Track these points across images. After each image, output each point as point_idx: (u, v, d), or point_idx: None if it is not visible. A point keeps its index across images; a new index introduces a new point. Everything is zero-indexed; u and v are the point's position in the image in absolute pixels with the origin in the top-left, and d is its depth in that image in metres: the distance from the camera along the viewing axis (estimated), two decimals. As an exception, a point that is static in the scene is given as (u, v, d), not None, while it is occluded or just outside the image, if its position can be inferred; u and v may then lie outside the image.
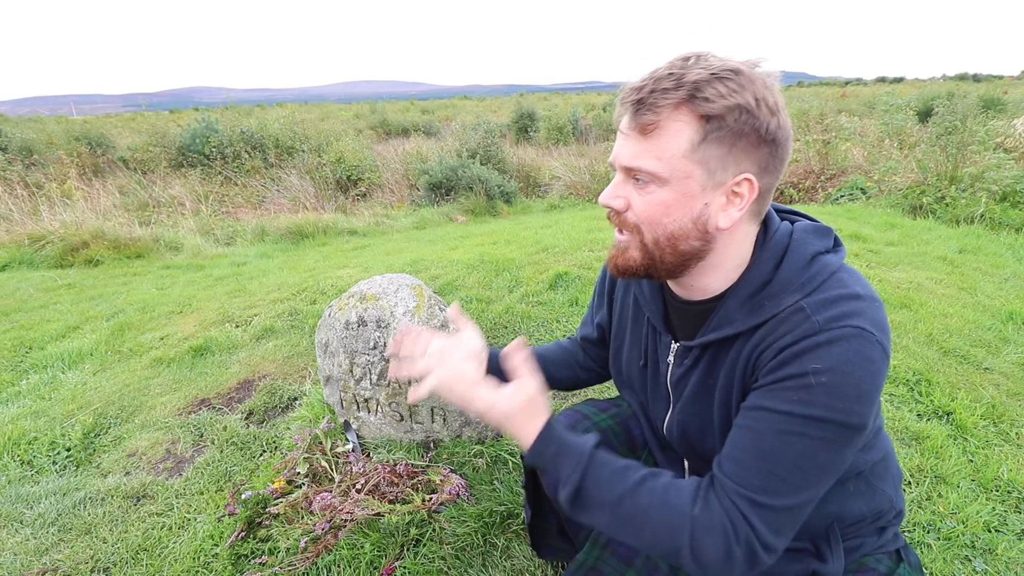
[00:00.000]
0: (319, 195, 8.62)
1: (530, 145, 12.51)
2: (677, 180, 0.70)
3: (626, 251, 0.78)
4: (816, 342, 0.67)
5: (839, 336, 0.66)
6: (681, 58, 0.70)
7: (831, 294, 0.71)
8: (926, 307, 2.88)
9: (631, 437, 1.09)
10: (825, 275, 0.73)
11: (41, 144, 11.17)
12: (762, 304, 0.75)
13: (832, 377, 0.65)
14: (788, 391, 0.68)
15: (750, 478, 0.69)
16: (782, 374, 0.69)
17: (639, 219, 0.74)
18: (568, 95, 42.21)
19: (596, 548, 1.01)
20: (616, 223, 0.78)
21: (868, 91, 24.35)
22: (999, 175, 5.10)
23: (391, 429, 1.85)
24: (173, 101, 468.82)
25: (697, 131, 0.67)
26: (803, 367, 0.67)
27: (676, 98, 0.67)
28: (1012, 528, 1.51)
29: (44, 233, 5.78)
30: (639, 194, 0.73)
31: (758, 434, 0.70)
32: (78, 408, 2.40)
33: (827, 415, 0.66)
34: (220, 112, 13.17)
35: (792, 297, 0.72)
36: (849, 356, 0.66)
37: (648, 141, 0.69)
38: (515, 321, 2.84)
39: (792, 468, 0.68)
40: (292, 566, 1.43)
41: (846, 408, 0.66)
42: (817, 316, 0.69)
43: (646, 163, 0.70)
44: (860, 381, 0.65)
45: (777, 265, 0.76)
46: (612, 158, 0.76)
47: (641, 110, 0.69)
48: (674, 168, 0.69)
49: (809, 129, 7.95)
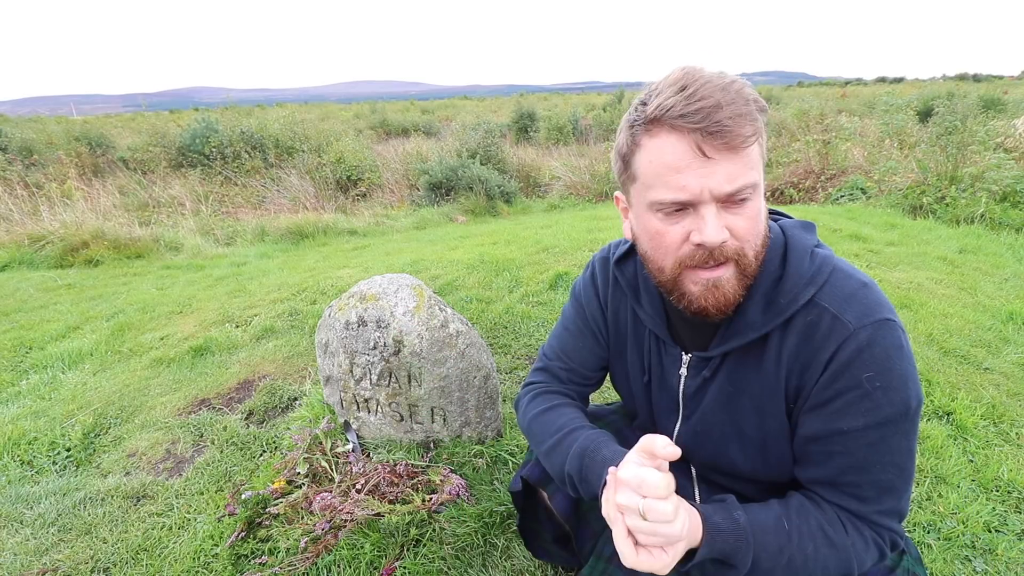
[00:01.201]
0: (319, 195, 8.62)
1: (530, 145, 12.51)
2: (761, 185, 0.71)
3: (728, 283, 0.72)
4: (858, 348, 0.71)
5: (873, 336, 0.71)
6: (698, 73, 0.67)
7: (845, 288, 0.74)
8: (926, 307, 2.88)
9: (627, 446, 1.09)
10: (829, 268, 0.76)
11: (41, 144, 11.17)
12: (777, 301, 0.76)
13: (883, 379, 0.70)
14: (852, 405, 0.72)
15: (865, 493, 0.75)
16: (839, 387, 0.73)
17: (742, 239, 0.70)
18: (568, 95, 42.24)
19: (601, 562, 1.00)
20: (716, 259, 0.70)
21: (868, 91, 24.37)
22: (999, 175, 5.10)
23: (391, 429, 1.85)
24: (173, 101, 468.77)
25: (760, 137, 0.69)
26: (856, 377, 0.71)
27: (750, 104, 0.66)
28: (1012, 528, 1.51)
29: (44, 233, 5.78)
30: (736, 215, 0.69)
31: (849, 454, 0.74)
32: (78, 408, 2.40)
33: (895, 412, 0.71)
34: (220, 112, 13.17)
35: (806, 292, 0.74)
36: (888, 352, 0.71)
37: (742, 157, 0.66)
38: (515, 321, 2.84)
39: (891, 466, 0.73)
40: (292, 566, 1.43)
41: (904, 398, 0.71)
42: (845, 317, 0.72)
43: (749, 178, 0.67)
44: (903, 369, 0.71)
45: (783, 262, 0.77)
46: (693, 193, 0.67)
47: (737, 124, 0.65)
48: (761, 173, 0.71)
49: (809, 129, 7.96)
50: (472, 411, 1.81)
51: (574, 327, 1.05)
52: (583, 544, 1.06)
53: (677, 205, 0.69)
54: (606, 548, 1.01)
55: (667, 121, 0.66)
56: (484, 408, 1.83)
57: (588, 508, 1.05)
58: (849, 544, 0.75)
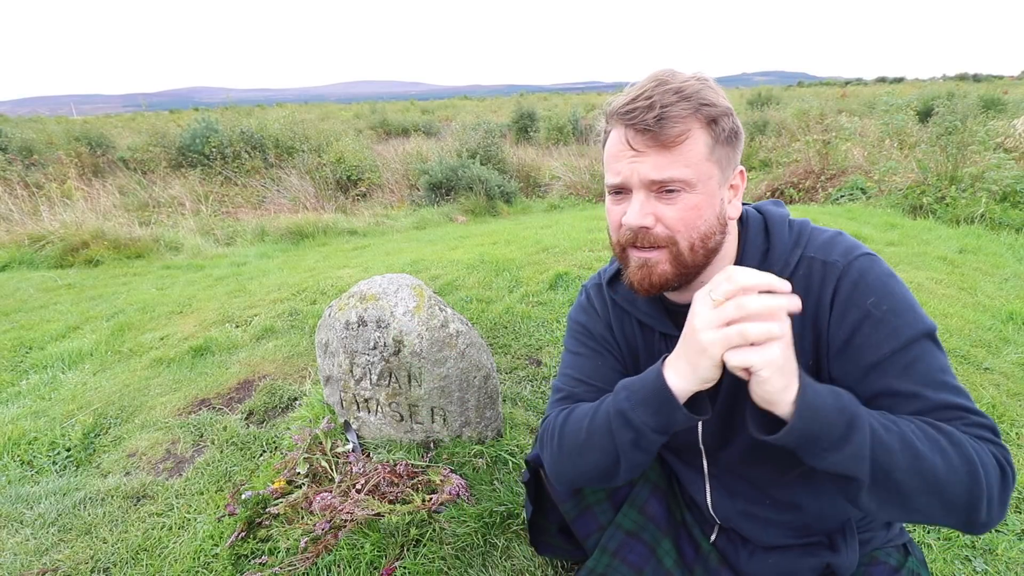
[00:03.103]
0: (319, 195, 8.62)
1: (530, 145, 12.50)
2: (703, 183, 0.75)
3: (657, 266, 0.78)
4: (852, 280, 0.75)
5: (863, 266, 0.76)
6: (659, 76, 0.75)
7: (823, 239, 0.81)
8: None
9: None
10: (808, 230, 0.83)
11: (41, 144, 11.16)
12: (771, 270, 0.79)
13: (888, 302, 0.73)
14: (870, 336, 0.73)
15: (948, 397, 0.70)
16: (851, 321, 0.75)
17: (673, 229, 0.76)
18: (568, 95, 42.25)
19: (605, 555, 1.00)
20: (644, 242, 0.78)
21: (868, 91, 24.34)
22: (999, 175, 5.10)
23: (391, 429, 1.85)
24: (173, 101, 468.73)
25: (709, 135, 0.74)
26: (862, 307, 0.74)
27: (689, 108, 0.72)
28: (1012, 528, 1.51)
29: (44, 233, 5.78)
30: (668, 205, 0.75)
31: (891, 388, 0.71)
32: (78, 408, 2.40)
33: (914, 332, 0.72)
34: (220, 112, 13.17)
35: (794, 253, 0.81)
36: (882, 278, 0.75)
37: (673, 153, 0.73)
38: (515, 321, 2.84)
39: (939, 385, 0.70)
40: (292, 566, 1.43)
41: (918, 317, 0.73)
42: (832, 258, 0.78)
43: (677, 172, 0.73)
44: (903, 293, 0.75)
45: (766, 236, 0.84)
46: (625, 178, 0.76)
47: (661, 125, 0.72)
48: (700, 172, 0.75)
49: (809, 129, 7.96)
50: (472, 411, 1.81)
51: (586, 350, 1.00)
52: (587, 536, 1.06)
53: (616, 188, 0.78)
54: (610, 542, 1.01)
55: (615, 116, 0.77)
56: (484, 408, 1.83)
57: (592, 500, 1.05)
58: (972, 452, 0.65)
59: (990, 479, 0.64)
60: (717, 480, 0.97)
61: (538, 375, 2.38)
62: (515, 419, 2.00)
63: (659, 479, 1.06)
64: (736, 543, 0.99)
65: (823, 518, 0.90)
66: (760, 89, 19.28)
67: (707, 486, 0.98)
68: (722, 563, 1.00)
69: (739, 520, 0.96)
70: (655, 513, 1.03)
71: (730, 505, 0.96)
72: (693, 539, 1.03)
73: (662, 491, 1.06)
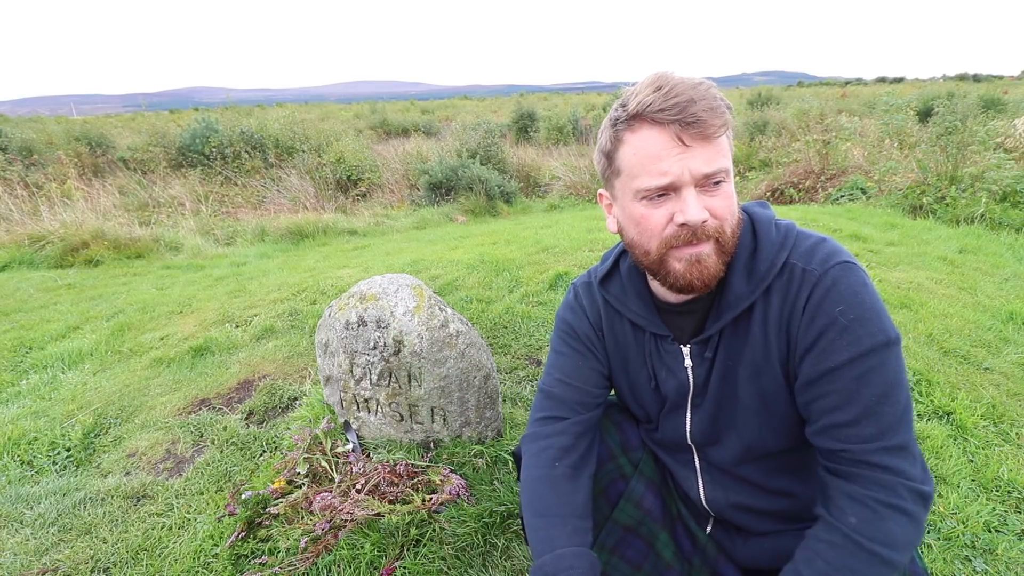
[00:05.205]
0: (319, 195, 8.62)
1: (530, 145, 12.50)
2: (731, 171, 0.80)
3: (708, 258, 0.79)
4: (825, 288, 0.78)
5: (837, 276, 0.78)
6: (671, 75, 0.76)
7: (807, 245, 0.83)
8: (926, 307, 2.88)
9: (626, 438, 1.09)
10: (794, 233, 0.85)
11: (41, 144, 11.15)
12: (757, 270, 0.83)
13: (856, 311, 0.76)
14: (834, 342, 0.76)
15: (864, 431, 0.75)
16: (818, 326, 0.78)
17: (720, 218, 0.78)
18: (568, 95, 42.23)
19: (604, 553, 1.01)
20: (697, 237, 0.77)
21: (868, 91, 24.32)
22: (999, 175, 5.10)
23: (391, 429, 1.85)
24: (173, 101, 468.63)
25: (728, 130, 0.78)
26: (830, 314, 0.77)
27: (720, 104, 0.75)
28: (1012, 528, 1.51)
29: (44, 233, 5.78)
30: (713, 196, 0.77)
31: (840, 391, 0.76)
32: (78, 408, 2.40)
33: (876, 342, 0.75)
34: (220, 112, 13.16)
35: (781, 256, 0.82)
36: (854, 288, 0.77)
37: (715, 144, 0.75)
38: (515, 321, 2.84)
39: (884, 398, 0.74)
40: (292, 566, 1.43)
41: (882, 327, 0.75)
42: (811, 266, 0.80)
43: (722, 163, 0.76)
44: (873, 303, 0.76)
45: (753, 236, 0.85)
46: (676, 176, 0.75)
47: (712, 115, 0.74)
48: (731, 161, 0.79)
49: (809, 129, 7.95)
50: (472, 411, 1.81)
51: (568, 349, 1.03)
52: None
53: (660, 190, 0.77)
54: (608, 539, 1.02)
55: (648, 116, 0.75)
56: (484, 408, 1.83)
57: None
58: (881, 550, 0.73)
59: (904, 551, 0.73)
60: (709, 475, 0.98)
61: (538, 375, 2.38)
62: (515, 419, 2.01)
63: (653, 474, 1.07)
64: (731, 532, 1.01)
65: (815, 503, 0.91)
66: (760, 89, 19.27)
67: (700, 481, 1.00)
68: (719, 552, 1.02)
69: (733, 512, 0.98)
70: (652, 507, 1.04)
71: (723, 499, 0.98)
72: (690, 531, 1.05)
73: (657, 485, 1.06)
